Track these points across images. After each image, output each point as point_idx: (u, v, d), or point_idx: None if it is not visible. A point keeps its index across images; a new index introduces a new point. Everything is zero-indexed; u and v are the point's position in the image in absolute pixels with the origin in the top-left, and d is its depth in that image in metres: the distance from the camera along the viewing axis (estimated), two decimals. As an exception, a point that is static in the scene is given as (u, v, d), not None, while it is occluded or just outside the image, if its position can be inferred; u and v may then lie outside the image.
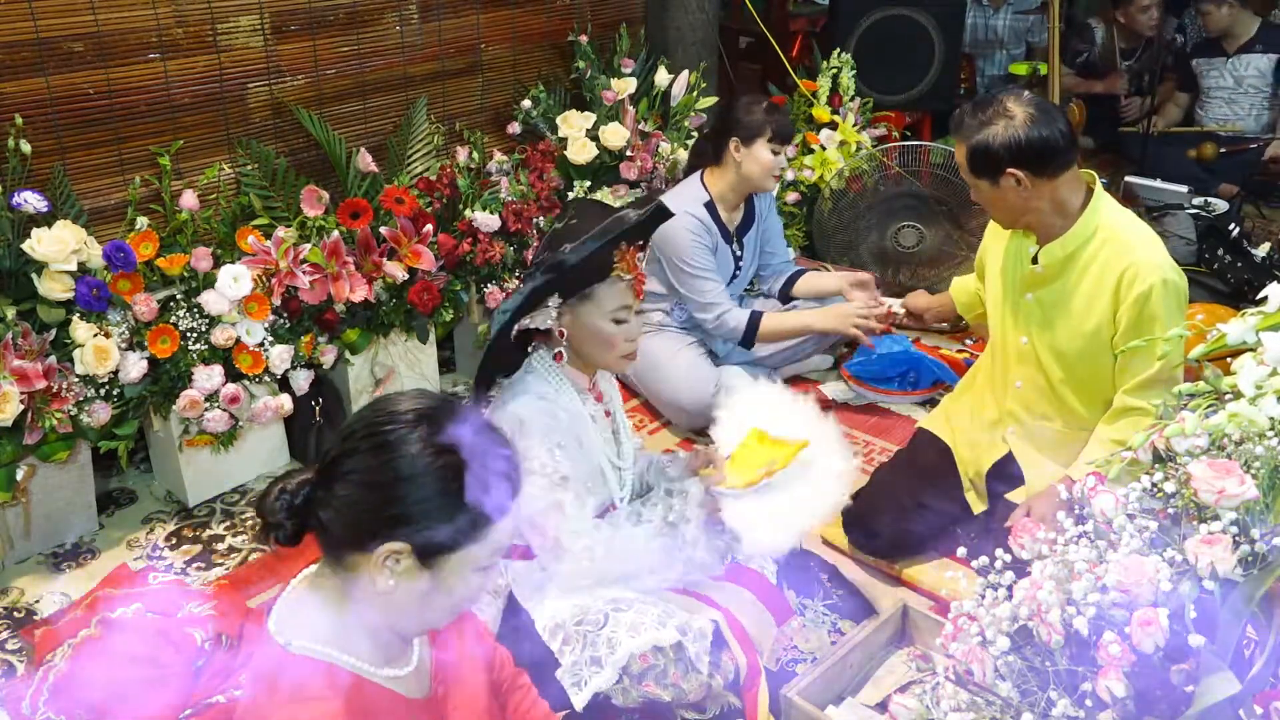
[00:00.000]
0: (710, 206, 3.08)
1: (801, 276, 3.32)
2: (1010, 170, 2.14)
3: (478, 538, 1.23)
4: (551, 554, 1.86)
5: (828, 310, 3.16)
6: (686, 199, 3.07)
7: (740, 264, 3.21)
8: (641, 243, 1.89)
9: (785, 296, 3.33)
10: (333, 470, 1.23)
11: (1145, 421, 2.18)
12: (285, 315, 2.72)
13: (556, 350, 1.91)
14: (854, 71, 4.06)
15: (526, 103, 3.47)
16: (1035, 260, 2.28)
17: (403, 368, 3.15)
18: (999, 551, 1.37)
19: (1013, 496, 2.41)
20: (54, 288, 2.38)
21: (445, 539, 1.21)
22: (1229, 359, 1.47)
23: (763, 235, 3.29)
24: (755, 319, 3.06)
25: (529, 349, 1.98)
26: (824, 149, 3.95)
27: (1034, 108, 2.15)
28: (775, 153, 3.02)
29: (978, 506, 2.49)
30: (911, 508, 2.43)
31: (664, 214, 1.88)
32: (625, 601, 1.87)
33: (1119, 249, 2.20)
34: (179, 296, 2.59)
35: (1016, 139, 2.13)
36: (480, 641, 1.51)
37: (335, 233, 2.78)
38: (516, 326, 1.87)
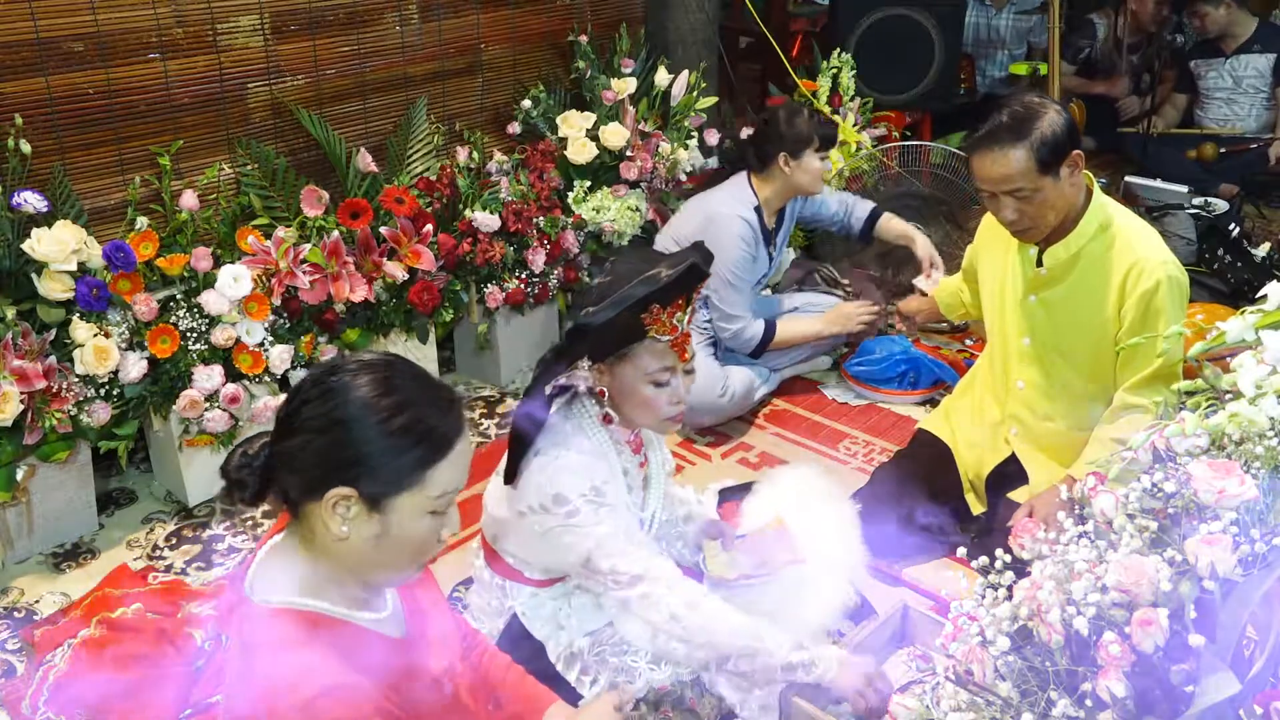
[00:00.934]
0: (758, 210, 3.11)
1: (882, 217, 3.39)
2: (1075, 152, 2.13)
3: (423, 478, 1.27)
4: (615, 584, 1.75)
5: (830, 315, 3.22)
6: (739, 203, 3.08)
7: (772, 263, 3.27)
8: (682, 300, 1.77)
9: (867, 235, 3.42)
10: (286, 425, 1.29)
11: (1144, 420, 2.18)
12: (285, 315, 2.72)
13: (605, 412, 1.84)
14: (854, 71, 4.05)
15: (526, 103, 3.47)
16: (1040, 263, 2.28)
17: (403, 368, 3.14)
18: (999, 551, 1.37)
19: (1015, 496, 2.40)
20: (54, 288, 2.38)
21: (390, 480, 1.25)
22: (1228, 358, 1.47)
23: (803, 213, 3.37)
24: (770, 330, 3.10)
25: (570, 393, 1.90)
26: (824, 149, 3.94)
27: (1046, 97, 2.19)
28: (823, 159, 3.08)
29: (977, 508, 2.49)
30: (912, 508, 2.43)
31: (698, 274, 1.77)
32: None
33: (1122, 246, 2.20)
34: (179, 296, 2.59)
35: (1068, 121, 2.13)
36: (447, 605, 1.55)
37: (335, 233, 2.78)
38: (551, 385, 1.82)
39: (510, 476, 1.80)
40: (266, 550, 1.36)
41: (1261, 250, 3.77)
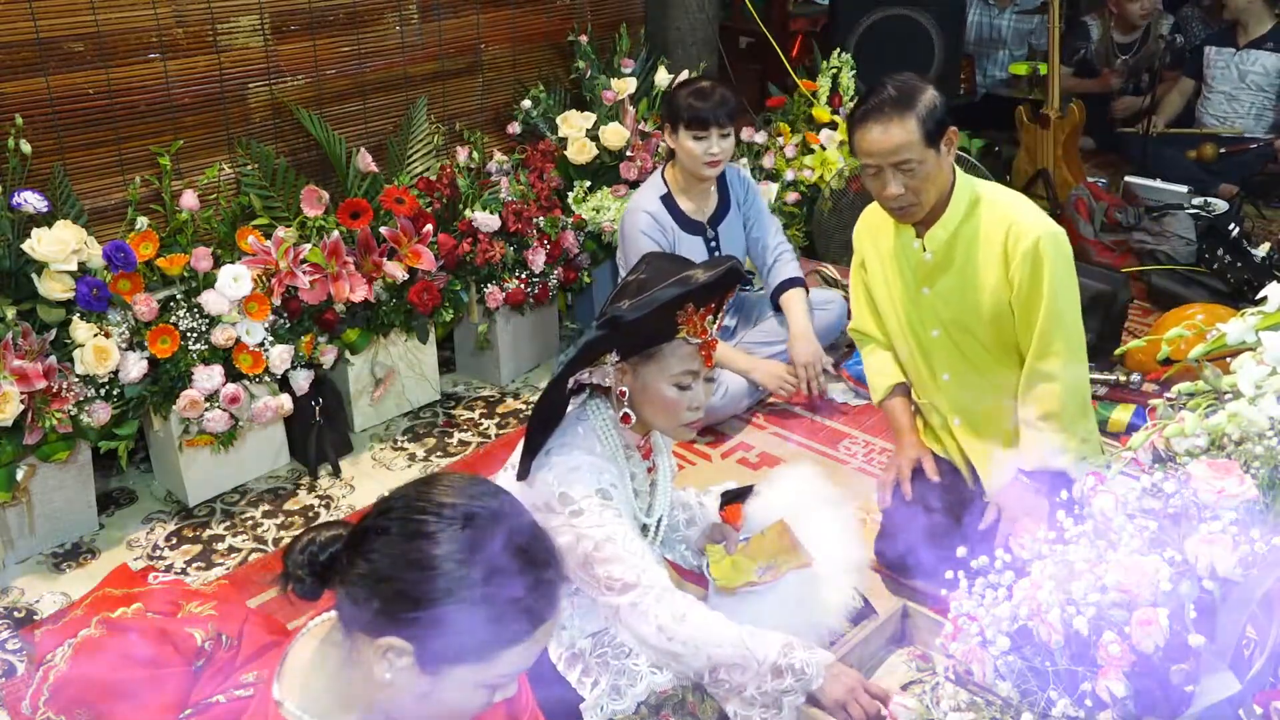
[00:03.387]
0: (667, 199, 3.03)
1: (786, 291, 3.18)
2: (952, 129, 2.17)
3: (487, 658, 1.15)
4: (608, 590, 1.75)
5: (764, 365, 3.10)
6: (645, 195, 3.05)
7: (718, 255, 3.12)
8: (714, 304, 1.79)
9: (775, 302, 3.25)
10: (362, 541, 1.16)
11: (1054, 388, 2.21)
12: (285, 315, 2.72)
13: (624, 412, 1.83)
14: (854, 71, 4.06)
15: (526, 103, 3.47)
16: (924, 251, 2.29)
17: (403, 368, 3.15)
18: (999, 551, 1.37)
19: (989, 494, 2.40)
20: (54, 288, 2.38)
21: (453, 651, 1.13)
22: (1228, 359, 1.47)
23: (747, 217, 3.21)
24: None
25: (585, 395, 1.90)
26: (824, 149, 3.95)
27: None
28: (699, 138, 2.89)
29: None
30: (934, 530, 2.37)
31: (736, 276, 1.78)
32: None
33: (996, 215, 2.24)
34: (179, 296, 2.59)
35: (944, 99, 2.17)
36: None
37: (335, 233, 2.78)
38: (573, 380, 1.82)
39: (523, 473, 1.81)
40: (310, 636, 1.26)
41: (1261, 250, 3.78)
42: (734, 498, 2.37)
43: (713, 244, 3.14)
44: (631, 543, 1.76)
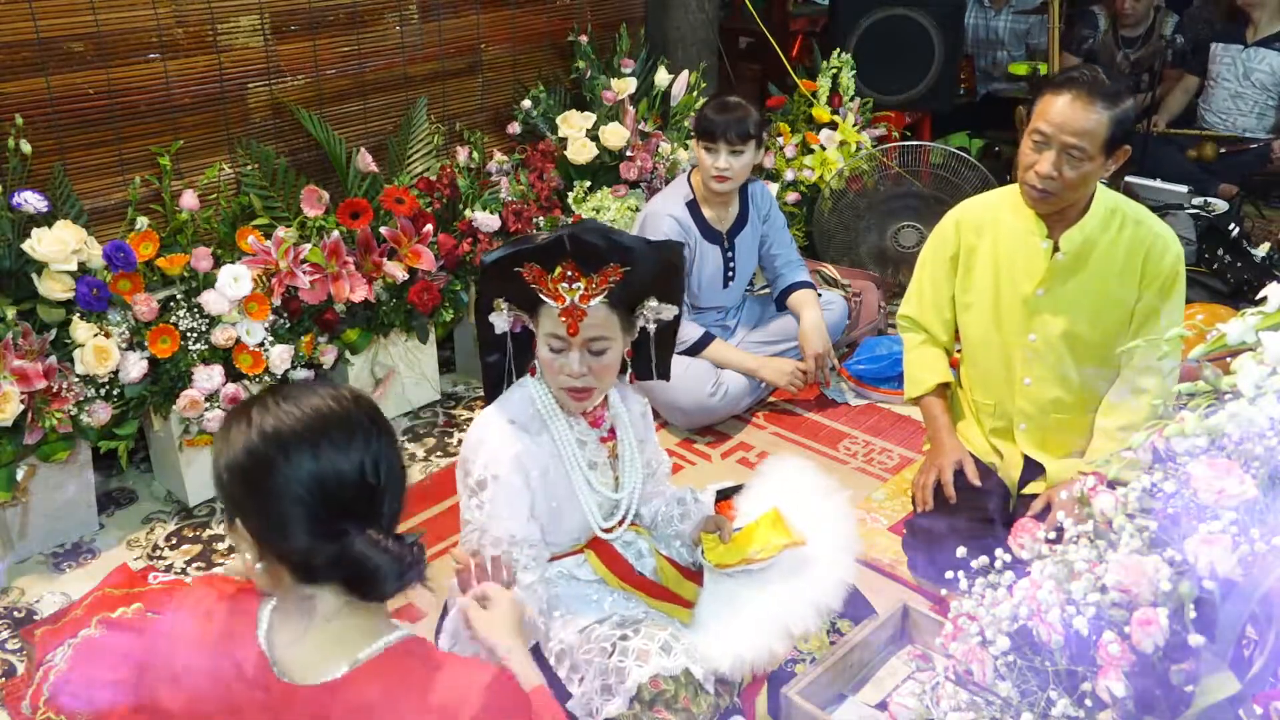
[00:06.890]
0: (692, 205, 3.06)
1: (796, 291, 3.24)
2: (1126, 147, 2.15)
3: None
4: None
5: (772, 362, 3.14)
6: (671, 199, 3.07)
7: (732, 265, 3.17)
8: (571, 271, 1.74)
9: (780, 304, 3.31)
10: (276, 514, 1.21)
11: (1144, 403, 2.21)
12: (285, 315, 2.72)
13: (533, 363, 1.89)
14: (854, 71, 4.06)
15: (526, 103, 3.47)
16: (1056, 250, 2.26)
17: (403, 368, 3.15)
18: (999, 551, 1.37)
19: (1031, 489, 2.39)
20: (54, 288, 2.38)
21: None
22: (1228, 359, 1.47)
23: (766, 235, 3.24)
24: (706, 340, 3.07)
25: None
26: (824, 149, 3.95)
27: None
28: (708, 150, 2.93)
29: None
30: (967, 533, 2.33)
31: (560, 247, 1.73)
32: (632, 626, 1.85)
33: (1138, 226, 2.24)
34: (179, 296, 2.59)
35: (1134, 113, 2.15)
36: None
37: (335, 233, 2.78)
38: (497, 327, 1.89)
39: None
40: (274, 614, 1.28)
41: (1261, 250, 3.78)
42: (728, 494, 2.38)
43: (728, 254, 3.17)
44: (472, 533, 1.84)
